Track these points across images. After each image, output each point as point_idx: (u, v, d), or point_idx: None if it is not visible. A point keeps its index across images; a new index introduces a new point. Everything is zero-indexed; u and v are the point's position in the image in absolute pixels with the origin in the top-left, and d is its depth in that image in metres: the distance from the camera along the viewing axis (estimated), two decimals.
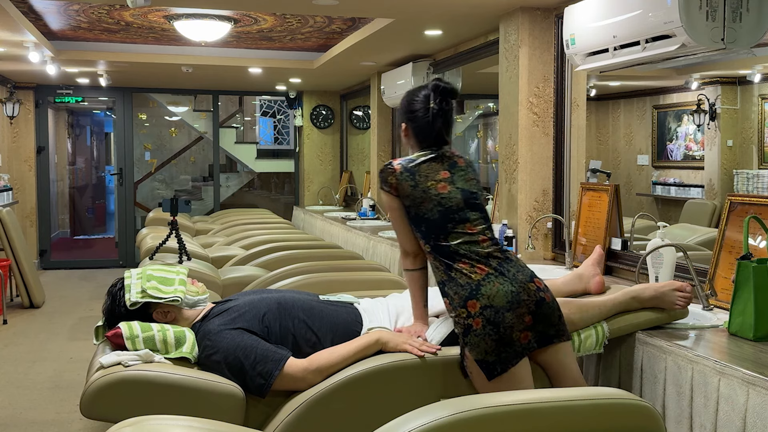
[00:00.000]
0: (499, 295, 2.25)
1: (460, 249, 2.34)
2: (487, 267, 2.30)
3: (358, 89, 8.30)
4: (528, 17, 4.07)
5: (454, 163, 2.46)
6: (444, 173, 2.42)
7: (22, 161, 8.61)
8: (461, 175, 2.44)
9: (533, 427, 1.82)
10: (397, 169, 2.41)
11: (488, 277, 2.28)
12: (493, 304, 2.25)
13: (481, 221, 2.39)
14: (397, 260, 4.79)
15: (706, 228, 5.63)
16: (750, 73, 7.23)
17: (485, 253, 2.33)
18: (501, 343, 2.24)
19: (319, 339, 2.47)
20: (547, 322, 2.29)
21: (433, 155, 2.43)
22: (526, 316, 2.26)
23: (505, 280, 2.28)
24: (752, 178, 7.22)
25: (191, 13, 5.11)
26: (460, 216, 2.37)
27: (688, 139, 8.28)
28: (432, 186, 2.38)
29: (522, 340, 2.26)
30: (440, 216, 2.36)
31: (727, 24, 2.67)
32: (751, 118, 7.60)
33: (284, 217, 8.60)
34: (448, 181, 2.40)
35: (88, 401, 2.20)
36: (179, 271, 2.66)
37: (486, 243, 2.35)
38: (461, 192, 2.39)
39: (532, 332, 2.27)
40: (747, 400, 1.95)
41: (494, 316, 2.24)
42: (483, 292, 2.26)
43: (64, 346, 5.34)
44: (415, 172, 2.40)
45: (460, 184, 2.41)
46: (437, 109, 2.44)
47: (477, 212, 2.40)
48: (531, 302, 2.27)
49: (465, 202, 2.39)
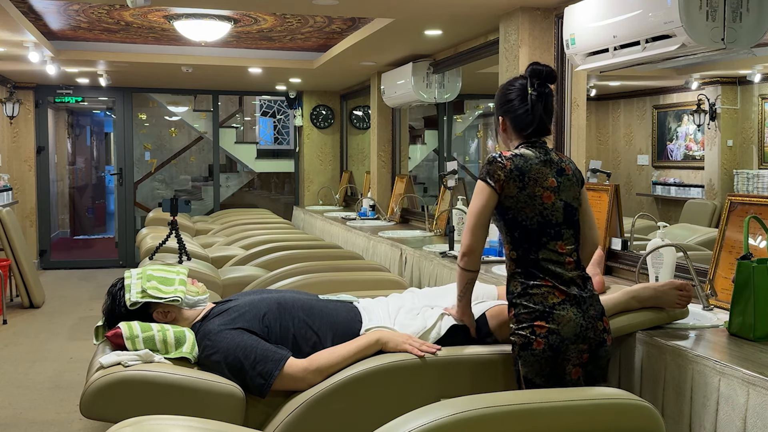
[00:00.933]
0: (570, 326, 2.18)
1: (547, 266, 2.22)
2: (566, 293, 2.20)
3: (358, 89, 8.30)
4: (528, 17, 4.06)
5: (562, 170, 2.30)
6: (552, 181, 2.26)
7: (22, 161, 8.61)
8: (567, 185, 2.29)
9: (533, 427, 1.82)
10: (508, 165, 2.24)
11: (564, 304, 2.19)
12: (560, 332, 2.18)
13: (571, 241, 2.27)
14: (397, 260, 4.79)
15: (706, 228, 5.64)
16: (750, 73, 7.23)
17: (568, 278, 2.22)
18: (554, 372, 2.20)
19: (319, 338, 2.47)
20: (597, 364, 2.25)
21: (544, 158, 2.27)
22: (585, 353, 2.20)
23: (578, 311, 2.20)
24: (752, 178, 7.22)
25: (191, 13, 5.11)
26: (556, 232, 2.24)
27: (688, 139, 8.28)
28: (539, 193, 2.24)
29: (573, 375, 2.21)
30: (538, 227, 2.24)
31: (727, 24, 2.67)
32: (751, 118, 7.60)
33: (284, 217, 8.59)
34: (554, 191, 2.26)
35: (88, 401, 2.20)
36: (179, 271, 2.66)
37: (571, 266, 2.25)
38: (564, 206, 2.26)
39: (584, 370, 2.22)
40: (747, 400, 1.95)
41: (558, 344, 2.18)
42: (555, 317, 2.18)
43: (64, 346, 5.34)
44: (526, 172, 2.24)
45: (564, 195, 2.27)
46: (536, 95, 2.28)
47: (572, 230, 2.28)
48: (594, 341, 2.21)
49: (565, 218, 2.26)
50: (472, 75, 6.07)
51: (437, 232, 5.42)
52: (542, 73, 2.31)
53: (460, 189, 5.55)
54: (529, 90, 2.30)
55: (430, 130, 10.10)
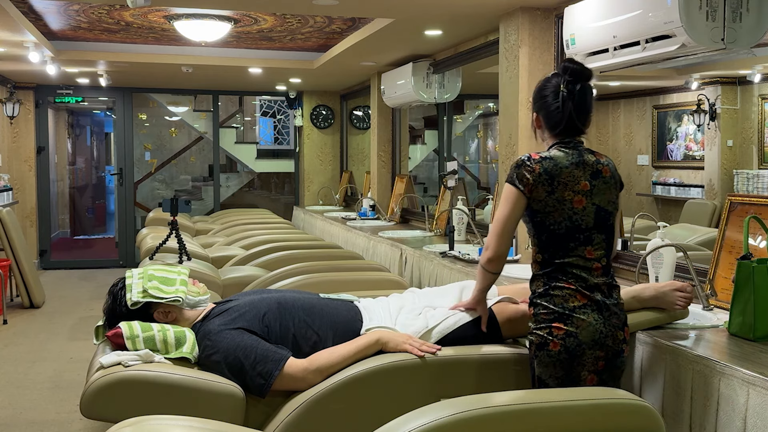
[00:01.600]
0: (588, 330, 2.15)
1: (572, 270, 2.20)
2: (588, 297, 2.17)
3: (358, 89, 8.30)
4: (528, 17, 4.06)
5: (598, 172, 2.23)
6: (584, 184, 2.20)
7: (22, 161, 8.61)
8: (602, 188, 2.22)
9: (533, 427, 1.82)
10: (537, 169, 2.19)
11: (584, 308, 2.17)
12: (578, 336, 2.16)
13: (601, 246, 2.22)
14: (397, 260, 4.79)
15: (706, 228, 5.63)
16: (750, 73, 7.23)
17: (593, 284, 2.19)
18: (568, 376, 2.18)
19: (320, 338, 2.47)
20: (613, 374, 2.21)
21: (577, 160, 2.22)
22: (601, 361, 2.18)
23: (600, 318, 2.17)
24: (752, 178, 7.21)
25: (191, 13, 5.11)
26: (585, 237, 2.20)
27: (688, 139, 8.28)
28: (569, 198, 2.18)
29: (587, 382, 2.18)
30: (566, 232, 2.20)
31: (727, 24, 2.67)
32: (751, 118, 7.60)
33: (284, 217, 8.59)
34: (586, 195, 2.20)
35: (88, 401, 2.20)
36: (180, 271, 2.66)
37: (598, 272, 2.20)
38: (596, 210, 2.20)
39: (598, 378, 2.19)
40: (747, 400, 1.95)
41: (575, 347, 2.16)
42: (574, 321, 2.16)
43: (64, 346, 5.34)
44: (556, 176, 2.19)
45: (597, 199, 2.21)
46: (566, 93, 2.23)
47: (603, 235, 2.22)
48: (611, 350, 2.18)
49: (596, 222, 2.21)
50: (472, 75, 6.07)
51: (437, 232, 5.42)
52: (573, 70, 2.26)
53: (460, 189, 5.56)
54: (561, 87, 2.25)
55: (430, 130, 10.10)
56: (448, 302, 2.71)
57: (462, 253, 4.07)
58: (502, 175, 4.34)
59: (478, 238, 4.52)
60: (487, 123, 11.08)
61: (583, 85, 2.27)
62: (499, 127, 4.40)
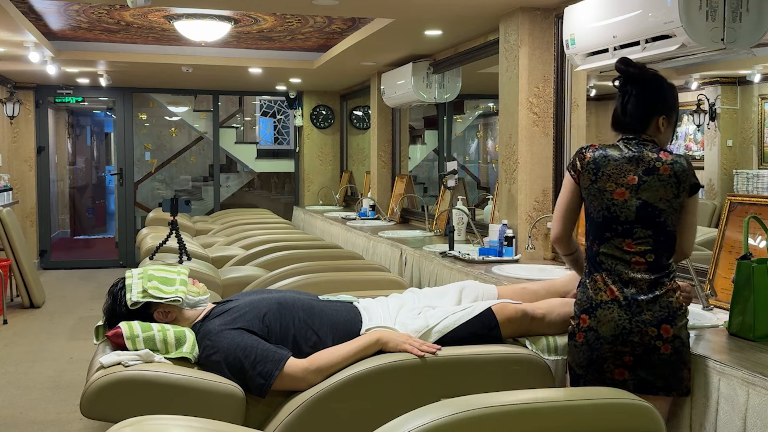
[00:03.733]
0: (609, 326, 2.19)
1: (606, 261, 2.23)
2: (619, 292, 2.19)
3: (358, 89, 8.30)
4: (528, 17, 4.06)
5: (654, 169, 2.20)
6: (632, 178, 2.21)
7: (22, 161, 8.61)
8: (655, 185, 2.19)
9: (533, 427, 1.82)
10: (587, 157, 2.28)
11: (612, 303, 2.19)
12: (598, 330, 2.21)
13: (647, 242, 2.20)
14: (397, 260, 4.79)
15: (706, 228, 5.63)
16: (750, 73, 7.23)
17: (628, 278, 2.19)
18: (591, 366, 2.24)
19: (320, 338, 2.47)
20: (653, 372, 2.18)
21: (630, 154, 2.24)
22: (627, 356, 2.18)
23: (625, 314, 2.17)
24: (752, 178, 7.21)
25: (191, 13, 5.12)
26: (623, 229, 2.21)
27: (688, 139, 8.28)
28: (610, 189, 2.22)
29: (616, 376, 2.20)
30: (603, 221, 2.24)
31: (727, 24, 2.67)
32: (751, 118, 7.60)
33: (284, 217, 8.60)
34: (631, 189, 2.20)
35: (88, 401, 2.20)
36: (180, 271, 2.66)
37: (639, 267, 2.19)
38: (640, 205, 2.19)
39: (631, 373, 2.19)
40: (747, 400, 1.95)
41: (594, 341, 2.22)
42: (597, 314, 2.21)
43: (64, 346, 5.34)
44: (602, 167, 2.24)
45: (645, 194, 2.19)
46: (619, 93, 2.29)
47: (648, 230, 2.20)
48: (640, 346, 2.17)
49: (637, 217, 2.20)
50: (472, 75, 6.07)
51: (437, 232, 5.42)
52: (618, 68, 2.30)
53: (460, 189, 5.55)
54: (618, 88, 2.32)
55: (430, 130, 10.10)
56: (447, 302, 2.72)
57: (462, 253, 4.07)
58: (502, 175, 4.34)
59: (478, 238, 4.52)
60: (487, 123, 11.08)
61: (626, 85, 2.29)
62: (499, 127, 4.40)
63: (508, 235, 4.09)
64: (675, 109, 2.32)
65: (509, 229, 4.13)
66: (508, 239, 4.07)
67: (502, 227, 4.12)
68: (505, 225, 4.14)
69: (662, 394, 2.18)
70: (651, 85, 2.28)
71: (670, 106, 2.30)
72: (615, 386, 2.17)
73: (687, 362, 2.18)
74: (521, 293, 2.81)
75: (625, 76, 2.30)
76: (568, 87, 3.96)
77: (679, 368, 2.17)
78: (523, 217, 4.13)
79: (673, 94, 2.32)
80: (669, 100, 2.31)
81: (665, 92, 2.30)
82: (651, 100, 2.27)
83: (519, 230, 4.13)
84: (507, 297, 2.75)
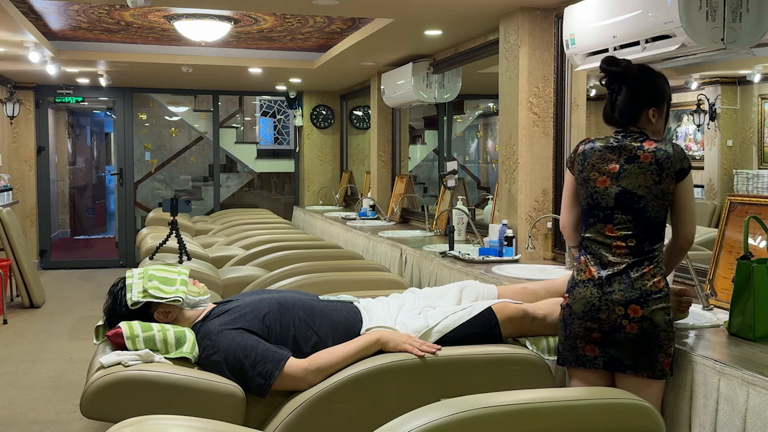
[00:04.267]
0: (580, 303, 2.29)
1: (590, 246, 2.33)
2: (596, 272, 2.28)
3: (358, 89, 8.30)
4: (528, 17, 4.06)
5: (635, 157, 2.27)
6: (613, 167, 2.29)
7: (22, 161, 8.61)
8: (635, 172, 2.26)
9: (533, 427, 1.82)
10: (579, 149, 2.41)
11: (588, 283, 2.29)
12: (572, 307, 2.31)
13: (627, 226, 2.26)
14: (397, 260, 4.79)
15: (706, 228, 5.63)
16: (750, 73, 7.23)
17: (607, 261, 2.27)
18: (567, 342, 2.34)
19: (320, 338, 2.47)
20: (620, 350, 2.23)
21: (615, 144, 2.33)
22: (595, 332, 2.26)
23: (597, 292, 2.26)
24: (752, 178, 7.21)
25: (191, 13, 5.11)
26: (604, 215, 2.30)
27: (688, 139, 8.28)
28: (594, 177, 2.32)
29: (587, 352, 2.29)
30: (587, 208, 2.36)
31: (727, 24, 2.67)
32: (751, 118, 7.60)
33: (284, 217, 8.59)
34: (612, 177, 2.29)
35: (88, 401, 2.20)
36: (181, 271, 2.66)
37: (619, 251, 2.26)
38: (619, 191, 2.27)
39: (600, 350, 2.26)
40: (747, 400, 1.95)
41: (568, 317, 2.32)
42: (574, 293, 2.32)
43: (64, 346, 5.34)
44: (589, 157, 2.36)
45: (625, 182, 2.27)
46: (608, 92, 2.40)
47: (629, 215, 2.26)
48: (606, 324, 2.24)
49: (617, 203, 2.27)
50: (472, 75, 6.06)
51: (437, 232, 5.42)
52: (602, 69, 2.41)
53: (460, 189, 5.55)
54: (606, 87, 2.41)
55: (430, 130, 10.09)
56: (447, 302, 2.72)
57: (462, 253, 4.07)
58: (502, 175, 4.34)
59: (478, 238, 4.52)
60: (487, 123, 11.08)
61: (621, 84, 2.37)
62: (499, 127, 4.40)
63: (508, 235, 4.09)
64: (665, 99, 2.38)
65: (509, 229, 4.13)
66: (508, 239, 4.07)
67: (502, 227, 4.12)
68: (505, 225, 4.14)
69: (630, 372, 2.24)
70: (637, 81, 2.35)
71: (659, 97, 2.36)
72: (586, 363, 2.29)
73: (663, 346, 2.21)
74: (521, 293, 2.81)
75: (609, 75, 2.37)
76: (568, 87, 3.96)
77: (650, 350, 2.20)
78: (523, 217, 4.13)
79: (661, 85, 2.38)
80: (657, 91, 2.36)
81: (653, 85, 2.36)
82: (638, 95, 2.35)
83: (519, 230, 4.13)
84: (507, 297, 2.75)
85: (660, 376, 2.22)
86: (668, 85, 2.40)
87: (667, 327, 2.22)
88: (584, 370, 2.32)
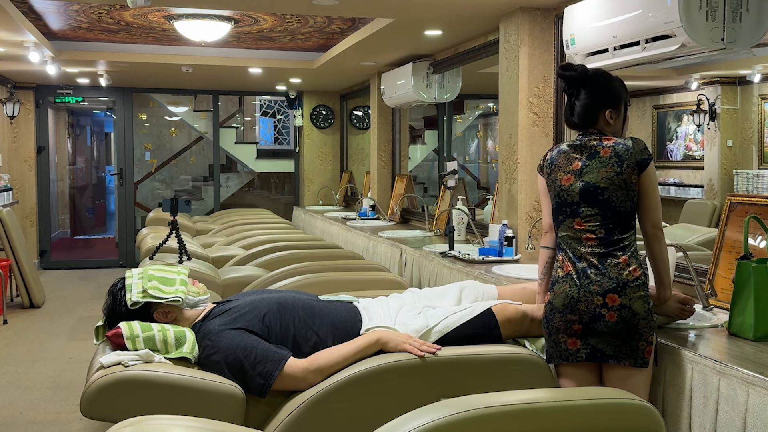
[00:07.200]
0: (560, 297, 2.33)
1: (563, 243, 2.39)
2: (573, 267, 2.33)
3: (358, 89, 8.30)
4: (528, 17, 4.07)
5: (596, 152, 2.36)
6: (576, 164, 2.38)
7: (22, 161, 8.61)
8: (596, 167, 2.33)
9: (533, 427, 1.82)
10: (547, 155, 2.50)
11: (566, 278, 2.33)
12: (553, 303, 2.35)
13: (595, 218, 2.32)
14: (397, 260, 4.79)
15: (706, 228, 5.63)
16: (750, 73, 7.23)
17: (580, 253, 2.33)
18: (550, 338, 2.36)
19: (320, 338, 2.47)
20: (601, 339, 2.26)
21: (576, 144, 2.42)
22: (576, 324, 2.29)
23: (575, 285, 2.30)
24: (752, 178, 7.21)
25: (191, 13, 5.12)
26: (572, 210, 2.37)
27: (688, 139, 8.28)
28: (559, 177, 2.40)
29: (569, 345, 2.31)
30: (556, 206, 2.42)
31: (727, 24, 2.67)
32: (751, 118, 7.59)
33: (284, 217, 8.60)
34: (575, 173, 2.37)
35: (88, 401, 2.20)
36: (180, 271, 2.66)
37: (590, 242, 2.32)
38: (582, 186, 2.34)
39: (582, 342, 2.29)
40: (747, 400, 1.95)
41: (549, 312, 2.36)
42: (554, 289, 2.36)
43: (64, 346, 5.34)
44: (555, 160, 2.44)
45: (588, 177, 2.34)
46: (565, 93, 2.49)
47: (594, 208, 2.32)
48: (586, 314, 2.27)
49: (581, 197, 2.34)
50: (472, 75, 6.07)
51: (437, 232, 5.42)
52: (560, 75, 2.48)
53: (460, 189, 5.55)
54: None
55: (430, 130, 10.10)
56: (447, 302, 2.72)
57: (462, 253, 4.07)
58: (502, 175, 4.34)
59: (478, 238, 4.52)
60: (487, 123, 11.08)
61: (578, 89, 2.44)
62: (499, 127, 4.40)
63: (508, 235, 4.09)
64: (621, 101, 2.45)
65: (509, 229, 4.13)
66: (508, 239, 4.07)
67: (502, 227, 4.12)
68: (505, 225, 4.14)
69: (612, 362, 2.26)
70: (593, 84, 2.43)
71: (616, 99, 2.43)
72: (569, 356, 2.31)
73: (643, 334, 2.24)
74: (521, 293, 2.81)
75: (566, 80, 2.45)
76: None
77: (631, 338, 2.24)
78: (523, 217, 4.13)
79: (616, 87, 2.45)
80: (613, 94, 2.43)
81: (608, 87, 2.43)
82: (594, 98, 2.41)
83: (519, 230, 4.13)
84: (507, 297, 2.75)
85: (642, 365, 2.24)
86: (625, 88, 2.47)
87: (647, 315, 2.25)
88: (570, 365, 2.33)
